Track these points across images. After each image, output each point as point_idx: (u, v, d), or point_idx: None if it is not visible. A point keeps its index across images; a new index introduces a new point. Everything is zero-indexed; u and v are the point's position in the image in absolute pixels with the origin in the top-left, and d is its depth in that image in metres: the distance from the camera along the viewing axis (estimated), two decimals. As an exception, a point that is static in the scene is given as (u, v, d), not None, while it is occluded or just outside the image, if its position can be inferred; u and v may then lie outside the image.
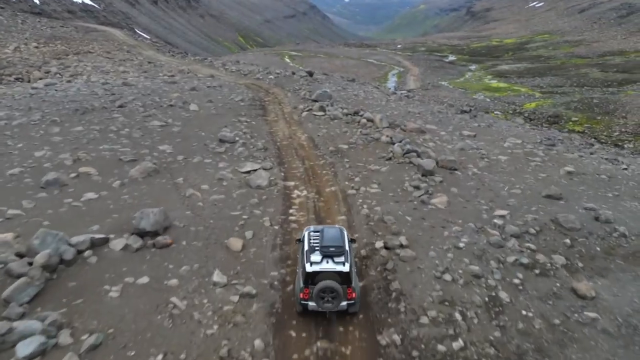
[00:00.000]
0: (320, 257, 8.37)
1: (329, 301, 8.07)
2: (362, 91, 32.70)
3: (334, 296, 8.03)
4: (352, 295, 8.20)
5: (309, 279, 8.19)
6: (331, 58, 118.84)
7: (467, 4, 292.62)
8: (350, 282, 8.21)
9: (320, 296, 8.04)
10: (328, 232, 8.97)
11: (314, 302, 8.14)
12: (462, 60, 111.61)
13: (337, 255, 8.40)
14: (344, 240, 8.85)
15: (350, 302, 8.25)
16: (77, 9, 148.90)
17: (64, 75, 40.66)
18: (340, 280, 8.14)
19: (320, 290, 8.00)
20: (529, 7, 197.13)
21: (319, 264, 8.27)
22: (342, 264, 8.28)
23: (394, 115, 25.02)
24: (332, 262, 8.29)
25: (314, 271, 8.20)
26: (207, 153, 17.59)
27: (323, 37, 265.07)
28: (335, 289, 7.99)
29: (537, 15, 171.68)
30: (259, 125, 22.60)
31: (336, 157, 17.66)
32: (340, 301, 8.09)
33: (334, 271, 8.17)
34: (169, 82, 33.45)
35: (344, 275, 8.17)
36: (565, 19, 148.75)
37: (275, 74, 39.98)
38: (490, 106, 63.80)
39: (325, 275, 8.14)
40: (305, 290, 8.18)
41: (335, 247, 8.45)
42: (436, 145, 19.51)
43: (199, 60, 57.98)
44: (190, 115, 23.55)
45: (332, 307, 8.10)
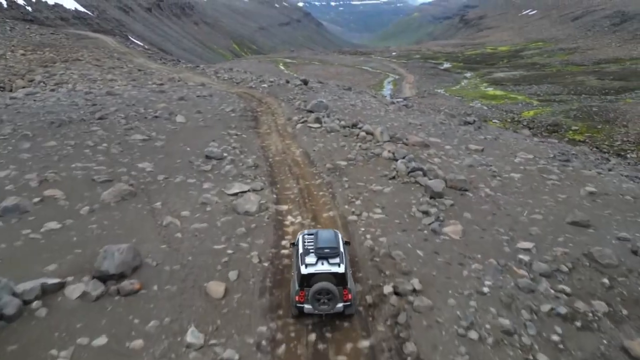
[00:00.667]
0: (315, 259, 8.26)
1: (325, 303, 7.90)
2: (360, 101, 31.09)
3: (330, 298, 7.88)
4: (348, 297, 8.06)
5: (305, 281, 8.05)
6: (326, 65, 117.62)
7: (460, 12, 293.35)
8: (346, 283, 8.08)
9: (316, 298, 7.87)
10: (322, 235, 8.88)
11: (309, 305, 7.97)
12: (457, 67, 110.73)
13: (332, 257, 8.27)
14: (339, 242, 8.74)
15: (346, 304, 8.10)
16: (70, 16, 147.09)
17: (48, 84, 38.82)
18: (336, 282, 8.00)
19: (316, 292, 7.84)
20: (522, 15, 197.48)
21: (314, 265, 8.15)
22: (337, 265, 8.16)
23: (395, 127, 23.38)
24: (327, 264, 8.17)
25: (309, 273, 8.06)
26: (191, 171, 15.80)
27: (317, 44, 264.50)
28: (331, 290, 7.84)
29: (531, 23, 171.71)
30: (250, 138, 20.85)
31: (334, 176, 15.94)
32: (336, 303, 7.94)
33: (330, 272, 8.05)
34: (157, 91, 31.69)
35: (339, 277, 8.04)
36: (559, 27, 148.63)
37: (268, 83, 38.31)
38: (488, 114, 62.50)
39: (320, 277, 8.01)
40: (301, 293, 8.04)
41: (330, 249, 8.35)
42: (442, 162, 17.84)
43: (190, 67, 56.27)
44: (176, 127, 21.78)
45: (328, 309, 7.93)
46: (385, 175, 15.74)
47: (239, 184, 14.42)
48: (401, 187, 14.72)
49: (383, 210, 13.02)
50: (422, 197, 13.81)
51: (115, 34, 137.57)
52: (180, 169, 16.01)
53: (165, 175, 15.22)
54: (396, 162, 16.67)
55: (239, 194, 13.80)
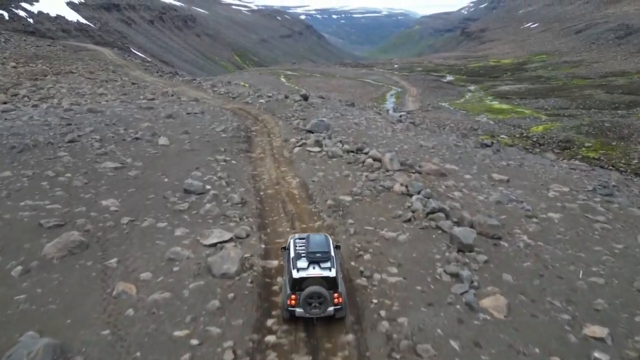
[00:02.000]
0: (307, 263, 8.27)
1: (316, 307, 7.92)
2: (364, 118, 28.34)
3: (321, 301, 7.90)
4: (339, 300, 8.08)
5: (296, 285, 8.06)
6: (327, 78, 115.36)
7: (461, 25, 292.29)
8: (337, 287, 8.12)
9: (307, 302, 7.88)
10: (314, 239, 8.86)
11: (301, 309, 7.96)
12: (461, 80, 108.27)
13: (324, 261, 8.29)
14: (330, 246, 8.74)
15: (337, 307, 8.10)
16: (72, 28, 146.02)
17: (32, 99, 36.19)
18: (327, 286, 8.03)
19: (308, 296, 7.86)
20: (523, 27, 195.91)
21: (306, 270, 8.17)
22: (328, 269, 8.19)
23: (404, 151, 20.56)
24: (318, 268, 8.20)
25: (300, 277, 8.08)
26: (164, 211, 12.95)
27: (319, 56, 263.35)
28: (323, 294, 7.87)
29: (533, 36, 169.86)
30: (240, 165, 18.02)
31: (337, 216, 13.08)
32: (327, 306, 7.96)
33: (321, 277, 8.07)
34: (145, 107, 28.99)
35: (330, 281, 8.09)
36: (562, 40, 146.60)
37: (266, 97, 35.62)
38: (495, 129, 59.74)
39: (312, 281, 8.01)
40: (293, 297, 8.01)
41: (321, 253, 8.35)
42: (464, 196, 14.95)
43: (187, 81, 53.71)
44: (157, 152, 18.98)
45: (319, 312, 7.95)
46: (398, 216, 12.86)
47: (219, 231, 11.53)
48: (419, 233, 11.83)
49: (400, 270, 10.11)
50: (447, 249, 10.92)
51: (116, 46, 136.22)
52: (152, 207, 13.16)
53: (131, 217, 12.36)
54: (411, 199, 13.81)
55: (218, 245, 10.90)
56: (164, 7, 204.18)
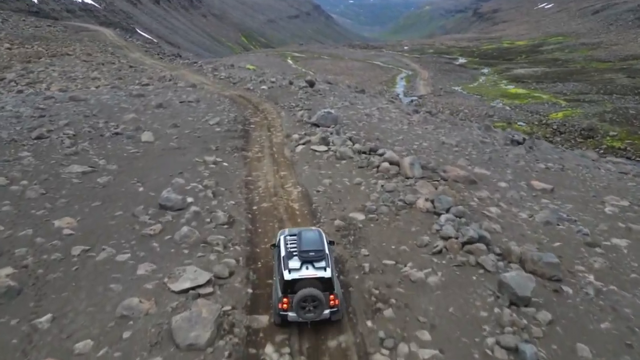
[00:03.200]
0: (299, 263, 7.52)
1: (310, 311, 7.17)
2: (376, 109, 25.29)
3: (316, 305, 7.15)
4: (335, 303, 7.34)
5: (288, 288, 7.29)
6: (335, 60, 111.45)
7: (473, 6, 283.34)
8: (332, 289, 7.39)
9: (301, 306, 7.12)
10: (306, 236, 8.11)
11: (294, 313, 7.20)
12: (473, 63, 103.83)
13: (318, 260, 7.54)
14: (324, 243, 8.06)
15: (333, 310, 7.36)
16: (76, 8, 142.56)
17: (19, 84, 33.50)
18: (322, 287, 7.28)
19: (301, 300, 7.10)
20: (537, 8, 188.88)
21: (299, 270, 7.42)
22: (323, 269, 7.44)
23: (424, 149, 17.60)
24: (312, 268, 7.45)
25: (293, 279, 7.31)
26: (130, 236, 10.21)
27: (327, 37, 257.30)
28: (318, 297, 7.12)
29: (548, 17, 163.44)
30: (233, 168, 15.19)
31: (347, 244, 10.28)
32: (323, 310, 7.22)
33: (315, 278, 7.32)
34: (135, 94, 26.12)
35: (325, 282, 7.35)
36: (579, 21, 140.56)
37: (269, 83, 32.55)
38: (512, 116, 56.29)
39: (305, 283, 7.25)
40: (285, 300, 7.26)
41: (315, 252, 7.63)
42: (503, 214, 12.05)
43: (187, 64, 50.57)
44: (137, 151, 16.21)
45: (314, 316, 7.20)
46: (425, 244, 10.01)
47: (193, 269, 8.74)
48: (455, 274, 9.00)
49: (434, 336, 7.32)
50: (495, 300, 8.10)
51: (121, 26, 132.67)
52: (115, 230, 10.42)
53: (85, 246, 9.64)
54: (439, 219, 10.95)
55: (190, 291, 8.18)
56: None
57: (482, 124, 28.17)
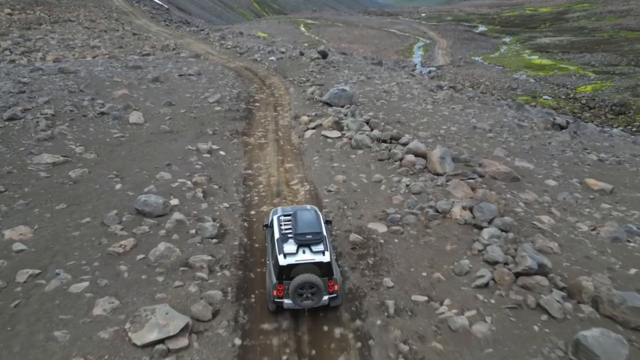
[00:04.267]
0: (296, 246, 6.80)
1: (308, 298, 6.53)
2: (395, 84, 22.56)
3: (314, 292, 6.50)
4: (334, 288, 6.70)
5: (284, 274, 6.57)
6: (350, 27, 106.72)
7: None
8: (331, 274, 6.68)
9: (298, 293, 6.46)
10: (302, 217, 7.31)
11: (290, 300, 6.56)
12: (494, 31, 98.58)
13: (315, 244, 6.81)
14: (321, 224, 7.26)
15: (332, 296, 6.73)
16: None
17: (14, 53, 31.17)
18: (321, 273, 6.59)
19: (299, 286, 6.43)
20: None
21: (295, 255, 6.69)
22: (321, 253, 6.71)
23: (453, 135, 15.07)
24: (309, 252, 6.73)
25: (289, 264, 6.58)
26: (93, 254, 8.09)
27: (341, 4, 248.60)
28: (316, 283, 6.45)
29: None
30: (231, 158, 12.90)
31: (365, 267, 8.06)
32: (321, 296, 6.57)
33: (313, 263, 6.60)
34: (131, 66, 23.71)
35: (324, 267, 6.62)
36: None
37: (279, 54, 29.80)
38: (536, 89, 52.68)
39: (302, 268, 6.56)
40: (280, 287, 6.58)
41: (312, 234, 6.87)
42: (558, 225, 9.63)
43: (194, 32, 47.58)
44: (122, 135, 13.98)
45: (312, 304, 6.58)
46: (465, 272, 7.74)
47: (165, 309, 6.58)
48: (508, 319, 6.75)
49: None
50: (569, 369, 5.89)
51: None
52: (77, 246, 8.31)
53: (36, 269, 7.55)
54: (481, 234, 8.65)
55: (157, 345, 6.07)
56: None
57: (513, 102, 25.26)
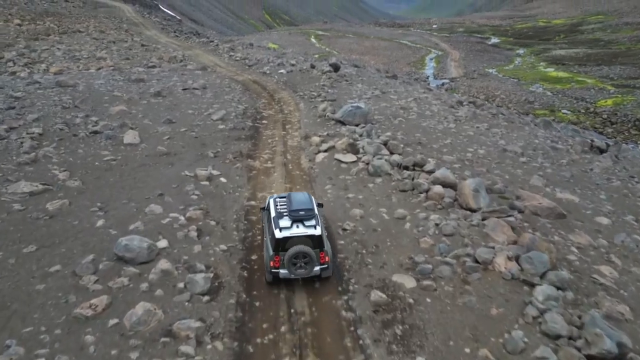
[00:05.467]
0: (290, 222, 7.54)
1: (301, 267, 7.23)
2: (412, 99, 20.96)
3: (307, 261, 7.22)
4: (325, 259, 7.41)
5: (280, 246, 7.30)
6: (361, 39, 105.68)
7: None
8: (322, 246, 7.42)
9: (292, 262, 7.19)
10: (296, 197, 8.12)
11: (285, 270, 7.27)
12: (507, 43, 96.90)
13: (308, 219, 7.57)
14: (313, 203, 8.02)
15: (323, 267, 7.43)
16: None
17: (17, 64, 30.19)
18: (313, 245, 7.33)
19: (293, 256, 7.16)
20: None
21: (289, 229, 7.42)
22: (313, 227, 7.47)
23: (481, 159, 13.40)
24: (302, 227, 7.46)
25: (284, 237, 7.31)
26: (56, 317, 6.50)
27: (352, 15, 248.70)
28: (308, 253, 7.19)
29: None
30: (232, 186, 11.33)
31: (392, 340, 6.39)
32: (313, 266, 7.28)
33: (306, 235, 7.35)
34: (134, 79, 22.41)
35: (316, 239, 7.38)
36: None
37: (289, 66, 28.41)
38: (554, 102, 50.77)
39: (296, 241, 7.30)
40: (276, 258, 7.29)
41: (304, 211, 7.62)
42: (623, 280, 7.87)
43: (203, 43, 46.55)
44: (113, 158, 12.51)
45: (305, 273, 7.27)
46: (519, 350, 6.04)
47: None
48: None
49: None
50: None
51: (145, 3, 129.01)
52: (39, 305, 6.73)
53: (-20, 340, 6.04)
54: (535, 296, 6.95)
55: None
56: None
57: (539, 119, 23.48)
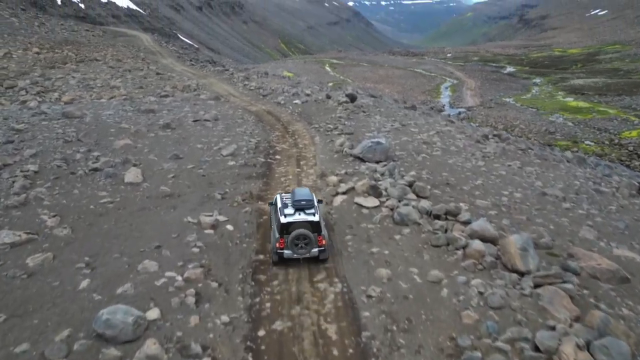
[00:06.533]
0: (293, 210, 8.79)
1: (302, 247, 8.41)
2: (435, 132, 19.62)
3: (306, 242, 8.40)
4: (322, 243, 8.59)
5: (284, 230, 8.50)
6: (375, 67, 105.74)
7: (518, 12, 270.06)
8: (320, 231, 8.59)
9: (294, 243, 8.37)
10: (298, 191, 9.36)
11: (289, 250, 8.46)
12: (523, 72, 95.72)
13: (308, 208, 8.82)
14: (313, 196, 9.30)
15: (320, 249, 8.62)
16: (121, 13, 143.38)
17: (29, 93, 29.77)
18: (312, 229, 8.50)
19: (295, 238, 8.35)
20: (590, 15, 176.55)
21: (292, 215, 8.66)
22: (312, 214, 8.69)
23: (518, 204, 11.88)
24: (303, 214, 8.69)
25: (288, 222, 8.54)
26: None
27: (366, 44, 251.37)
28: (308, 235, 8.38)
29: (602, 24, 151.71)
30: (240, 236, 9.92)
31: None
32: (312, 247, 8.47)
33: (306, 221, 8.54)
34: (144, 109, 21.55)
35: (315, 224, 8.55)
36: (638, 29, 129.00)
37: (304, 96, 27.44)
38: (576, 133, 49.00)
39: (298, 225, 8.49)
40: (281, 240, 8.45)
41: (305, 201, 8.88)
42: None
43: (218, 71, 46.22)
44: (111, 200, 11.29)
45: (305, 252, 8.43)
46: None
47: None
48: None
49: None
50: None
51: (164, 32, 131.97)
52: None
53: None
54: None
55: None
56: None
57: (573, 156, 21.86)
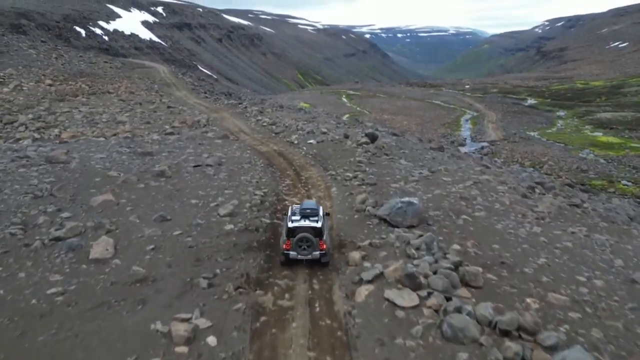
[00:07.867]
0: (299, 217, 9.95)
1: (305, 249, 9.45)
2: (472, 184, 16.61)
3: (309, 245, 9.44)
4: (323, 246, 9.53)
5: (290, 233, 9.62)
6: (392, 99, 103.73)
7: (535, 44, 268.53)
8: (322, 236, 9.58)
9: (298, 245, 9.44)
10: (307, 202, 10.80)
11: (294, 251, 9.51)
12: (545, 104, 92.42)
13: (312, 216, 9.93)
14: (319, 208, 10.43)
15: (322, 252, 9.56)
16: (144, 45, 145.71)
17: (28, 128, 27.88)
18: (314, 234, 9.52)
19: (299, 240, 9.44)
20: (610, 47, 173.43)
21: (298, 221, 9.81)
22: (315, 221, 9.79)
23: (604, 299, 8.76)
24: (308, 221, 9.79)
25: (294, 226, 9.69)
26: None
27: (383, 75, 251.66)
28: (310, 238, 9.42)
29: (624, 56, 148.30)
30: (226, 355, 7.04)
31: None
32: (314, 249, 9.47)
33: (310, 226, 9.64)
34: (141, 152, 19.12)
35: (317, 230, 9.60)
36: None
37: (319, 135, 24.83)
38: (611, 171, 45.27)
39: (302, 229, 9.57)
40: (287, 242, 9.59)
41: (310, 210, 10.09)
42: None
43: (232, 105, 44.20)
44: (63, 290, 8.50)
45: (307, 253, 9.46)
46: None
47: None
48: None
49: None
50: None
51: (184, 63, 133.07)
52: None
53: None
54: None
55: None
56: (233, 26, 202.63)
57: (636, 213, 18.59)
